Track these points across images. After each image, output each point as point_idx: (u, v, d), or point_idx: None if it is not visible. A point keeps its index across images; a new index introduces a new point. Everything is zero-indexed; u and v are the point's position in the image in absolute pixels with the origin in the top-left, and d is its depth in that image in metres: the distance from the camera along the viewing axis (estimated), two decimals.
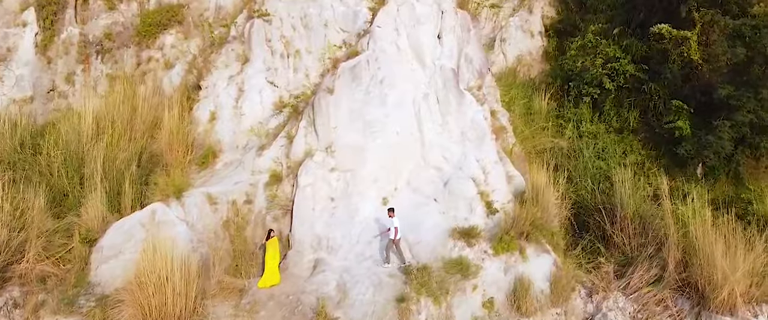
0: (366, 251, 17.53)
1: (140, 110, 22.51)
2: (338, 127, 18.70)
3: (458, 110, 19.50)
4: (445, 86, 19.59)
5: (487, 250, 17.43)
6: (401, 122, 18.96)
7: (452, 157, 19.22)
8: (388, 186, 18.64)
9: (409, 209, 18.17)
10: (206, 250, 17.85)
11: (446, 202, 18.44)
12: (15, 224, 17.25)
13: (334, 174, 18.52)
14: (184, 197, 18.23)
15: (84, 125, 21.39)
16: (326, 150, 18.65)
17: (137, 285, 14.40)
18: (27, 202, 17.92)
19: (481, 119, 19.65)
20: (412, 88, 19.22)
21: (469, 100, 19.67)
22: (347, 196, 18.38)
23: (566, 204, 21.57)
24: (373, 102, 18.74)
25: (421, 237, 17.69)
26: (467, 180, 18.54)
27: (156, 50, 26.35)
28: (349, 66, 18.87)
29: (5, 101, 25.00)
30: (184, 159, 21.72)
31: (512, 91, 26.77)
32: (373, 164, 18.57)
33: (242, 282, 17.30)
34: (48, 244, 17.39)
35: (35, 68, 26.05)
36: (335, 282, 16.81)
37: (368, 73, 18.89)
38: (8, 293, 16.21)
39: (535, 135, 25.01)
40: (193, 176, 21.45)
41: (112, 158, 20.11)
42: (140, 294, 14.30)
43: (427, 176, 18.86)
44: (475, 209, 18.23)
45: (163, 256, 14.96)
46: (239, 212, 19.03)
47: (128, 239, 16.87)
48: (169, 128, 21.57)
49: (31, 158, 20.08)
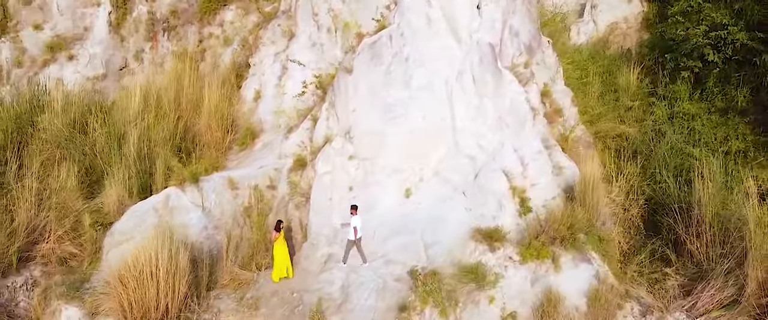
0: (380, 249, 15.91)
1: (186, 88, 22.25)
2: (357, 110, 17.05)
3: (496, 92, 17.00)
4: (482, 64, 17.13)
5: (513, 256, 15.11)
6: (429, 105, 16.88)
7: (488, 145, 16.88)
8: (412, 177, 16.77)
9: (433, 202, 16.25)
10: (222, 237, 17.19)
11: (474, 197, 16.25)
12: (44, 204, 17.61)
13: (352, 163, 16.98)
14: (202, 181, 17.63)
15: (131, 104, 21.54)
16: (345, 135, 17.11)
17: (118, 279, 13.99)
18: (60, 182, 18.25)
19: (522, 102, 17.00)
20: (445, 66, 16.99)
21: (509, 79, 17.04)
22: (365, 186, 16.80)
23: (637, 200, 18.45)
24: (394, 83, 16.81)
25: (439, 236, 15.72)
26: (498, 172, 16.16)
27: (216, 27, 26.09)
28: (370, 42, 17.03)
29: (79, 79, 26.01)
30: (223, 139, 21.26)
31: (593, 65, 23.45)
32: (393, 152, 16.76)
33: (251, 275, 16.46)
34: (76, 224, 17.59)
35: (108, 46, 26.84)
36: (340, 283, 15.46)
37: (390, 50, 16.92)
38: (29, 272, 16.64)
39: (612, 117, 21.71)
40: (232, 157, 20.97)
41: (148, 138, 20.01)
42: (121, 289, 13.90)
43: (457, 165, 16.72)
44: (505, 207, 15.87)
45: (151, 248, 14.37)
46: (263, 198, 18.17)
47: (140, 224, 16.59)
48: (209, 107, 21.12)
49: (79, 137, 20.52)
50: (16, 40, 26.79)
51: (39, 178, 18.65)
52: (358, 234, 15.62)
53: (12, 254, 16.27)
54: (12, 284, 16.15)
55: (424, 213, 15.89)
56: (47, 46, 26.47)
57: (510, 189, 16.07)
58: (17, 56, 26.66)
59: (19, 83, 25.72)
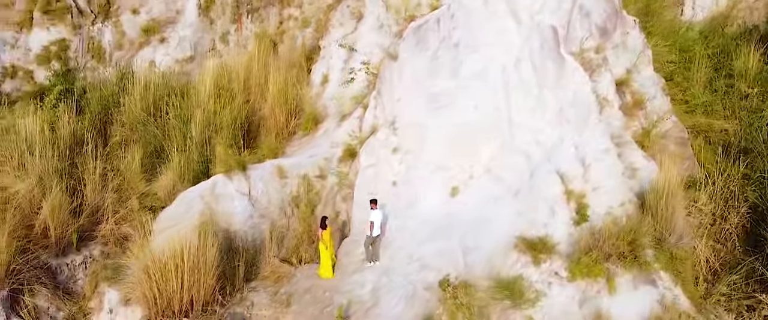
0: (416, 252, 14.69)
1: (255, 72, 22.15)
2: (401, 99, 15.79)
3: (557, 81, 14.92)
4: (542, 49, 15.09)
5: (560, 272, 13.24)
6: (481, 95, 15.21)
7: (546, 141, 14.92)
8: (460, 174, 15.27)
9: (480, 203, 14.69)
10: (267, 227, 16.87)
11: (526, 200, 14.45)
12: (108, 185, 18.29)
13: (396, 156, 15.81)
14: (250, 169, 17.35)
15: (202, 87, 21.83)
16: (390, 126, 15.94)
17: (143, 271, 14.04)
18: (125, 164, 18.87)
19: (586, 93, 14.76)
20: (501, 52, 15.18)
21: (572, 67, 14.85)
22: (408, 182, 15.58)
23: (737, 208, 15.65)
24: (441, 71, 15.29)
25: (482, 241, 14.17)
26: (552, 174, 14.21)
27: (295, 8, 25.75)
28: (415, 26, 15.59)
29: (169, 61, 26.94)
30: (287, 124, 20.92)
31: (702, 45, 20.19)
32: (437, 146, 15.34)
33: (290, 269, 16.00)
34: (139, 207, 18.09)
35: (197, 29, 27.46)
36: (371, 286, 14.49)
37: (437, 35, 15.38)
38: (88, 250, 17.36)
39: (720, 107, 18.56)
40: (294, 143, 20.59)
41: (213, 122, 20.13)
42: (146, 280, 13.93)
43: (511, 163, 14.96)
44: (557, 213, 13.93)
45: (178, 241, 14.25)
46: (312, 188, 17.58)
47: (187, 211, 16.66)
48: (273, 91, 20.84)
49: (150, 120, 21.13)
50: (117, 24, 28.19)
51: (109, 159, 19.44)
52: (375, 231, 14.54)
53: (72, 233, 17.04)
54: (71, 262, 16.95)
55: (469, 214, 14.41)
56: (143, 30, 27.58)
57: (565, 193, 14.07)
58: (118, 39, 28.08)
59: (119, 65, 27.14)
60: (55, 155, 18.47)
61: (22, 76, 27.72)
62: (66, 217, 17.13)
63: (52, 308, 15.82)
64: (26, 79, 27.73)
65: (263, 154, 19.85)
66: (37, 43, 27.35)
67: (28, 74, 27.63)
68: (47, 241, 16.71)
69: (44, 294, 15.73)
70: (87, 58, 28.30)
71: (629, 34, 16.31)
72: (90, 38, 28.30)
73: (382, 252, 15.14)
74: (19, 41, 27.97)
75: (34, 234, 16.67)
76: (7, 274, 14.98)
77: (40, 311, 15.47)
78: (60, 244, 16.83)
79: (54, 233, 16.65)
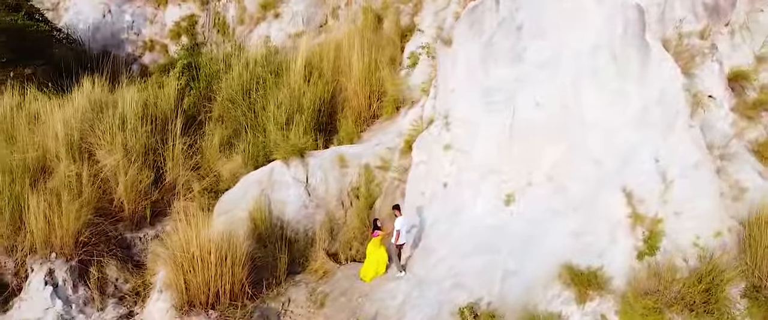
0: (456, 265, 12.86)
1: (347, 50, 21.19)
2: (455, 91, 13.76)
3: (640, 74, 11.88)
4: (625, 35, 12.08)
5: (608, 315, 10.67)
6: (547, 89, 12.69)
7: (622, 146, 12.07)
8: (516, 179, 13.00)
9: (536, 216, 12.41)
10: (322, 218, 16.12)
11: (586, 218, 11.88)
12: (188, 163, 18.68)
13: (448, 155, 13.93)
14: (309, 156, 16.59)
15: (294, 65, 21.42)
16: (444, 120, 14.05)
17: (172, 260, 13.94)
18: (206, 142, 19.16)
19: (676, 90, 11.55)
20: (576, 37, 12.47)
21: (658, 57, 11.67)
22: (458, 185, 13.67)
23: None
24: (497, 59, 12.97)
25: (526, 263, 11.94)
26: (616, 191, 11.43)
27: None
28: (471, 7, 13.33)
29: (282, 36, 27.06)
30: (369, 106, 19.82)
31: None
32: (488, 147, 13.16)
33: (334, 266, 15.11)
34: (209, 185, 18.31)
35: (310, 4, 27.18)
36: (402, 298, 13.05)
37: (495, 16, 13.00)
38: (161, 226, 17.91)
39: None
40: (375, 127, 19.49)
41: (293, 102, 19.65)
42: (175, 268, 13.83)
43: (578, 171, 12.37)
44: (619, 240, 11.21)
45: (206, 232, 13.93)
46: (373, 179, 16.42)
47: (244, 195, 16.41)
48: (356, 71, 19.79)
49: (240, 99, 21.17)
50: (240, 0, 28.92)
51: (198, 136, 19.87)
52: (402, 239, 12.98)
53: (146, 207, 17.69)
54: (144, 236, 17.63)
55: (519, 228, 12.25)
56: (260, 5, 27.97)
57: (631, 216, 11.27)
58: (240, 14, 28.83)
59: (240, 39, 27.92)
60: (147, 131, 19.20)
61: (159, 49, 29.68)
62: (144, 192, 17.77)
63: (120, 279, 16.56)
64: (162, 53, 29.66)
65: (340, 138, 19.05)
66: (170, 18, 29.01)
67: (164, 48, 29.51)
68: (124, 215, 17.51)
69: (114, 266, 16.48)
70: (213, 33, 29.47)
71: (764, 11, 12.55)
72: (216, 13, 29.38)
73: (423, 260, 13.59)
74: (156, 17, 29.92)
75: (114, 208, 17.56)
76: (76, 245, 15.89)
77: (107, 281, 16.26)
78: (134, 218, 17.54)
79: (128, 207, 17.37)
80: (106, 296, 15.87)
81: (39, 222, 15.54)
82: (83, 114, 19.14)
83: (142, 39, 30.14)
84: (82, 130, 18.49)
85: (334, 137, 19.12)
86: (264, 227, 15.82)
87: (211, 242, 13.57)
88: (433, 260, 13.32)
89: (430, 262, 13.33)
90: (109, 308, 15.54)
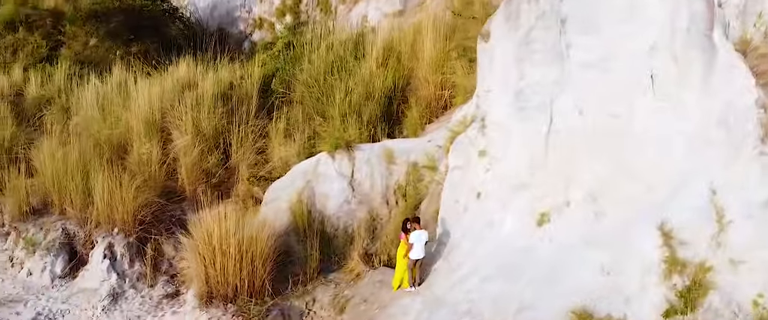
0: (476, 289, 11.38)
1: (424, 35, 19.89)
2: (491, 91, 12.05)
3: (704, 83, 9.41)
4: (689, 33, 9.61)
5: None
6: (595, 93, 10.61)
7: (672, 171, 9.76)
8: (553, 196, 11.13)
9: (569, 241, 10.60)
10: (364, 216, 15.39)
11: (619, 252, 9.83)
12: (254, 147, 18.73)
13: (483, 161, 12.33)
14: (357, 149, 15.78)
15: (372, 49, 20.60)
16: (480, 122, 12.44)
17: (196, 251, 13.86)
18: (271, 127, 19.08)
19: (747, 106, 8.93)
20: (632, 34, 10.20)
21: (727, 63, 9.07)
22: (489, 197, 12.08)
23: None
24: (535, 58, 11.01)
25: (544, 299, 10.18)
26: (649, 226, 9.24)
27: None
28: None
29: (378, 15, 26.26)
30: (439, 96, 18.50)
31: None
32: (520, 157, 11.36)
33: (365, 269, 14.34)
34: (272, 170, 18.21)
35: None
36: (413, 316, 11.89)
37: (535, 8, 10.96)
38: (223, 206, 18.09)
39: None
40: (442, 119, 18.19)
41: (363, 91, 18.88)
42: (198, 260, 13.76)
43: (625, 192, 10.25)
44: (648, 289, 9.09)
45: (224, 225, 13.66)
46: (421, 178, 15.31)
47: (289, 186, 16.03)
48: (427, 56, 18.53)
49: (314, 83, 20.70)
50: None
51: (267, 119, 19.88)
52: (417, 254, 11.74)
53: (207, 189, 18.04)
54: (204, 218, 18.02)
55: (547, 254, 10.52)
56: None
57: (665, 261, 9.07)
58: None
59: (340, 19, 27.70)
60: (222, 112, 19.50)
61: (266, 27, 30.35)
62: (207, 173, 18.13)
63: (177, 257, 17.13)
64: (269, 30, 30.30)
65: (405, 129, 18.08)
66: None
67: (271, 26, 30.12)
68: (186, 195, 18.04)
69: (171, 244, 17.08)
70: (316, 11, 29.46)
71: None
72: None
73: (445, 278, 12.30)
74: None
75: (178, 188, 18.15)
76: (135, 222, 16.62)
77: (162, 259, 16.88)
78: (195, 199, 17.98)
79: (188, 188, 17.83)
80: (159, 273, 16.42)
81: (104, 197, 16.37)
82: (167, 93, 19.85)
83: (252, 17, 30.91)
84: (163, 109, 19.16)
85: (396, 128, 18.11)
86: (302, 220, 15.39)
87: (232, 235, 13.35)
88: (454, 279, 12.00)
89: (450, 281, 12.03)
90: (158, 286, 16.06)
